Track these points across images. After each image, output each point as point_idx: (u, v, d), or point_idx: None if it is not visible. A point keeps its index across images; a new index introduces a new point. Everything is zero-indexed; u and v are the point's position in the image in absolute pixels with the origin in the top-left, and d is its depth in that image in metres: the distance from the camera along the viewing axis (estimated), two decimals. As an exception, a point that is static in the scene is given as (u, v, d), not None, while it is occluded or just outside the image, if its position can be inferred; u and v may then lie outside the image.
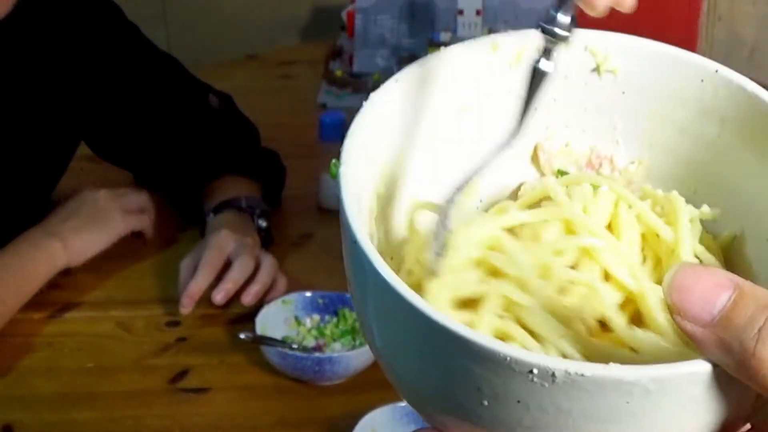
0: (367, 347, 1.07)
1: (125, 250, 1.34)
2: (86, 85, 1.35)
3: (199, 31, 2.67)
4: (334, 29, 2.17)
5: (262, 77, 2.01)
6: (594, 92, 0.48)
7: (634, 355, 0.39)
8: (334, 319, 1.16)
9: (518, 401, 0.34)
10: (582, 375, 0.33)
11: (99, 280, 1.29)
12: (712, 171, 0.47)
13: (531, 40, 0.45)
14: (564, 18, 0.42)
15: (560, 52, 0.43)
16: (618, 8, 0.44)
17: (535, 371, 0.33)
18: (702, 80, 0.46)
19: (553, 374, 0.33)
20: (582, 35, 0.46)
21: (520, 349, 0.34)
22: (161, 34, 2.55)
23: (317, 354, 1.09)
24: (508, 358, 0.33)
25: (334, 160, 0.41)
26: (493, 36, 0.46)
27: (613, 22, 0.48)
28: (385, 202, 0.45)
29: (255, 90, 1.89)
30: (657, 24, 2.40)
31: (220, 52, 2.37)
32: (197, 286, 1.17)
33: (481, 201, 0.49)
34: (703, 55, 0.46)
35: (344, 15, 2.07)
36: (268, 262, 1.22)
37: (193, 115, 1.44)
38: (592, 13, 0.43)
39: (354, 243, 0.38)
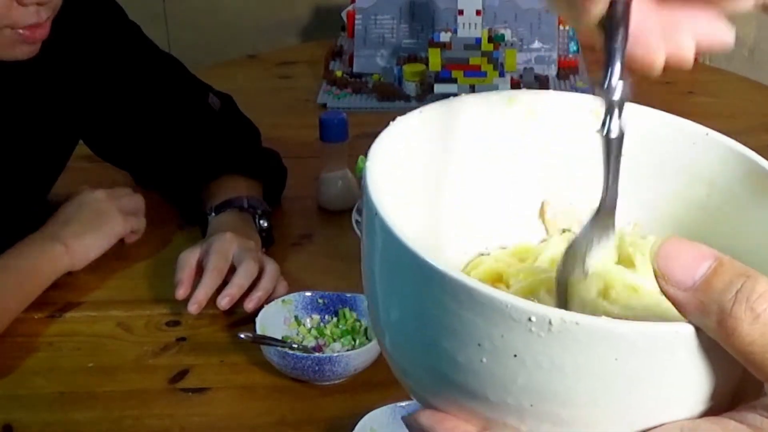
0: (367, 347, 1.08)
1: (125, 250, 1.34)
2: (86, 84, 1.35)
3: (199, 31, 2.67)
4: (334, 29, 2.18)
5: (262, 77, 2.01)
6: (595, 153, 0.50)
7: None
8: (334, 319, 1.16)
9: (515, 355, 0.36)
10: (576, 323, 0.35)
11: (99, 280, 1.29)
12: (702, 231, 0.49)
13: (544, 98, 0.49)
14: (616, 81, 0.42)
15: (615, 114, 0.43)
16: (678, 67, 0.45)
17: (533, 319, 0.35)
18: (694, 143, 0.49)
19: (549, 321, 0.35)
20: (589, 100, 0.50)
21: (519, 298, 0.36)
22: (161, 34, 2.55)
23: (317, 354, 1.09)
24: (509, 305, 0.35)
25: (360, 156, 0.44)
26: (510, 91, 0.50)
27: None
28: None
29: (255, 90, 1.89)
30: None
31: (220, 52, 2.37)
32: (204, 291, 1.18)
33: (487, 249, 0.51)
34: (703, 54, 0.47)
35: (344, 15, 2.07)
36: (271, 268, 1.22)
37: (193, 115, 1.44)
38: (652, 75, 0.44)
39: (375, 215, 0.40)
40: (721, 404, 0.38)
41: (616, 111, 0.42)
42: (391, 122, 0.46)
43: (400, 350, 0.42)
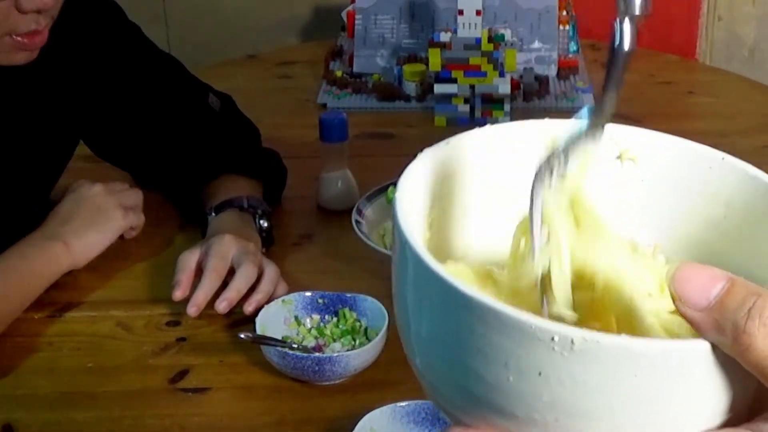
0: (367, 347, 1.08)
1: (126, 251, 1.34)
2: (87, 85, 1.35)
3: (199, 31, 2.67)
4: (334, 29, 2.18)
5: (262, 77, 2.01)
6: (617, 179, 0.53)
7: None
8: (334, 319, 1.16)
9: (540, 373, 0.38)
10: (597, 342, 0.37)
11: (99, 280, 1.29)
12: (720, 251, 0.50)
13: (562, 128, 0.49)
14: None
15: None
16: None
17: (556, 338, 0.37)
18: (710, 167, 0.51)
19: (572, 341, 0.37)
20: (610, 128, 0.51)
21: (543, 319, 0.38)
22: (161, 35, 2.55)
23: (317, 354, 1.09)
24: (533, 326, 0.37)
25: (390, 187, 0.45)
26: (531, 121, 0.51)
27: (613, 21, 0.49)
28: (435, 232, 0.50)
29: (255, 90, 1.89)
30: (657, 24, 2.41)
31: (220, 52, 2.37)
32: (203, 293, 1.17)
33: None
34: (703, 54, 0.48)
35: (344, 15, 2.07)
36: (270, 270, 1.21)
37: (193, 115, 1.44)
38: None
39: (405, 243, 0.42)
40: (738, 416, 0.40)
41: (633, 25, 0.43)
42: (419, 153, 0.49)
43: (430, 370, 0.44)
